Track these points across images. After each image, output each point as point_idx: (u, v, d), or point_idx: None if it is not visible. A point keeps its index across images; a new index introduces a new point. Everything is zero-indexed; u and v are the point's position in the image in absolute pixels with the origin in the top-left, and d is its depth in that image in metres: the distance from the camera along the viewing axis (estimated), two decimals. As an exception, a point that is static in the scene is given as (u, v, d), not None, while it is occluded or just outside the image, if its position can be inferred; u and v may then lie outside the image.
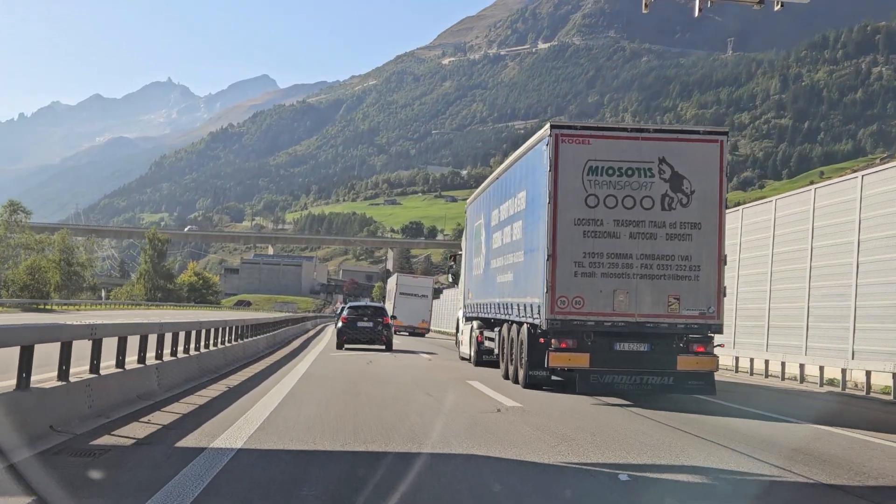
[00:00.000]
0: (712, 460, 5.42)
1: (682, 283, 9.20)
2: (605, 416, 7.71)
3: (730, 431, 7.11)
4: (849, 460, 5.95)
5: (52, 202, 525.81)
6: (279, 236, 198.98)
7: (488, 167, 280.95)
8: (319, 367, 11.55)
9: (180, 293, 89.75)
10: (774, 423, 8.12)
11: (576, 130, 9.48)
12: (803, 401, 11.33)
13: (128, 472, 4.24)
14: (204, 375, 9.18)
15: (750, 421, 8.32)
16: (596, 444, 5.67)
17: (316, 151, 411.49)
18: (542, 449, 5.34)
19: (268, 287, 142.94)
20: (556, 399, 8.97)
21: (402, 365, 13.51)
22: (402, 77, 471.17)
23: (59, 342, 5.27)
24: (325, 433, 5.57)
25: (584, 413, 7.65)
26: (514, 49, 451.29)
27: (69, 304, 49.58)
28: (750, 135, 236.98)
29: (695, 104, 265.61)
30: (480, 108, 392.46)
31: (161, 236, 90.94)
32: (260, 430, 5.55)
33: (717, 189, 9.43)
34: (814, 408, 10.18)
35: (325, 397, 7.85)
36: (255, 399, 7.55)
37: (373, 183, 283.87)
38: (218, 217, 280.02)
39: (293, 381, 9.40)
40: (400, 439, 5.38)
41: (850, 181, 13.56)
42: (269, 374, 10.27)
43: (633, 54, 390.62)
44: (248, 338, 13.02)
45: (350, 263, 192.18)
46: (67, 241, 61.45)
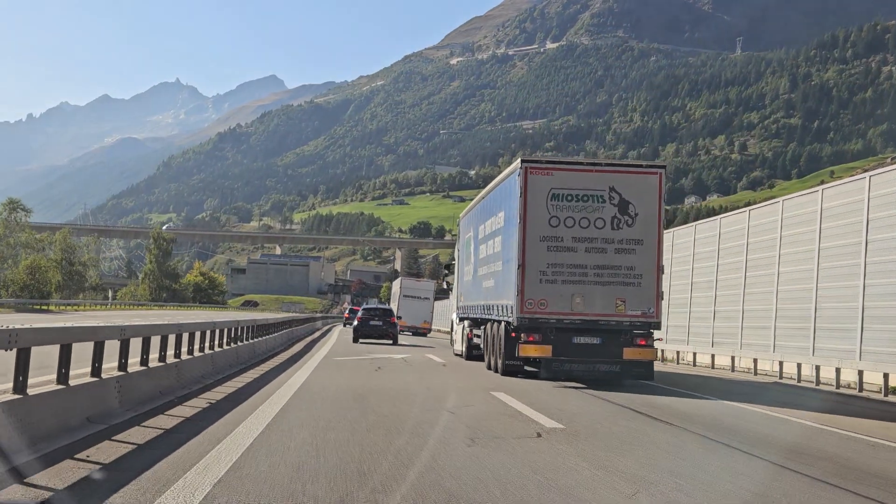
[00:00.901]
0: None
1: (627, 289, 11.04)
2: (661, 436, 6.29)
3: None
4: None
5: (60, 203, 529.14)
6: (287, 236, 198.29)
7: (497, 167, 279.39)
8: (321, 376, 10.11)
9: (186, 293, 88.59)
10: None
11: (541, 164, 11.33)
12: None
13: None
14: (183, 387, 7.71)
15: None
16: (682, 489, 4.16)
17: (324, 151, 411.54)
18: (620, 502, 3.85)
19: (275, 287, 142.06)
20: (593, 413, 7.63)
21: (414, 370, 12.01)
22: (411, 77, 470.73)
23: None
24: (320, 477, 4.01)
25: (637, 436, 6.17)
26: (523, 49, 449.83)
27: (69, 305, 48.58)
28: (759, 134, 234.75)
29: (703, 103, 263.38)
30: (489, 108, 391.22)
31: (166, 235, 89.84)
32: (232, 474, 4.00)
33: (657, 212, 11.33)
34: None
35: (325, 418, 6.31)
36: (237, 420, 6.07)
37: (380, 183, 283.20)
38: (225, 217, 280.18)
39: (288, 393, 7.93)
40: (423, 488, 3.80)
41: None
42: (261, 383, 8.83)
43: (642, 53, 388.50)
44: (243, 341, 11.62)
45: (357, 264, 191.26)
46: (69, 240, 60.47)
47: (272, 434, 5.48)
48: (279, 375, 9.89)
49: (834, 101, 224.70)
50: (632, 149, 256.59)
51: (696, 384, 12.62)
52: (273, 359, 13.31)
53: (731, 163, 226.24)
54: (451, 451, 5.15)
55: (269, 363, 12.22)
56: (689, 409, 8.54)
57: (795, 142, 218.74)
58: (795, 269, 14.55)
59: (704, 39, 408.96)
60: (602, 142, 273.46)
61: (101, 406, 5.69)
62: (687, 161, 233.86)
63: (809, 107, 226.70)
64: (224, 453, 4.64)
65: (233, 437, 5.29)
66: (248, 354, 12.15)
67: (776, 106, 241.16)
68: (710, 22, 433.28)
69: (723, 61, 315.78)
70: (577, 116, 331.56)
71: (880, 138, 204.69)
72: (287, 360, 13.17)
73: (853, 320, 12.47)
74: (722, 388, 11.91)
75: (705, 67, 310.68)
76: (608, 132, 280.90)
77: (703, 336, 18.60)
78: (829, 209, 13.47)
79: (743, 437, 6.51)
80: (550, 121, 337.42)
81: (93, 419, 5.45)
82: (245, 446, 4.93)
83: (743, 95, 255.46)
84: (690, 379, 14.07)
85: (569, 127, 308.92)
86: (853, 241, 12.65)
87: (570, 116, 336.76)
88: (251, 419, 6.12)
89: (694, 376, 14.90)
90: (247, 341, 12.32)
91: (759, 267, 16.10)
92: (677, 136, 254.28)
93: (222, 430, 5.54)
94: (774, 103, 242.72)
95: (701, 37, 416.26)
